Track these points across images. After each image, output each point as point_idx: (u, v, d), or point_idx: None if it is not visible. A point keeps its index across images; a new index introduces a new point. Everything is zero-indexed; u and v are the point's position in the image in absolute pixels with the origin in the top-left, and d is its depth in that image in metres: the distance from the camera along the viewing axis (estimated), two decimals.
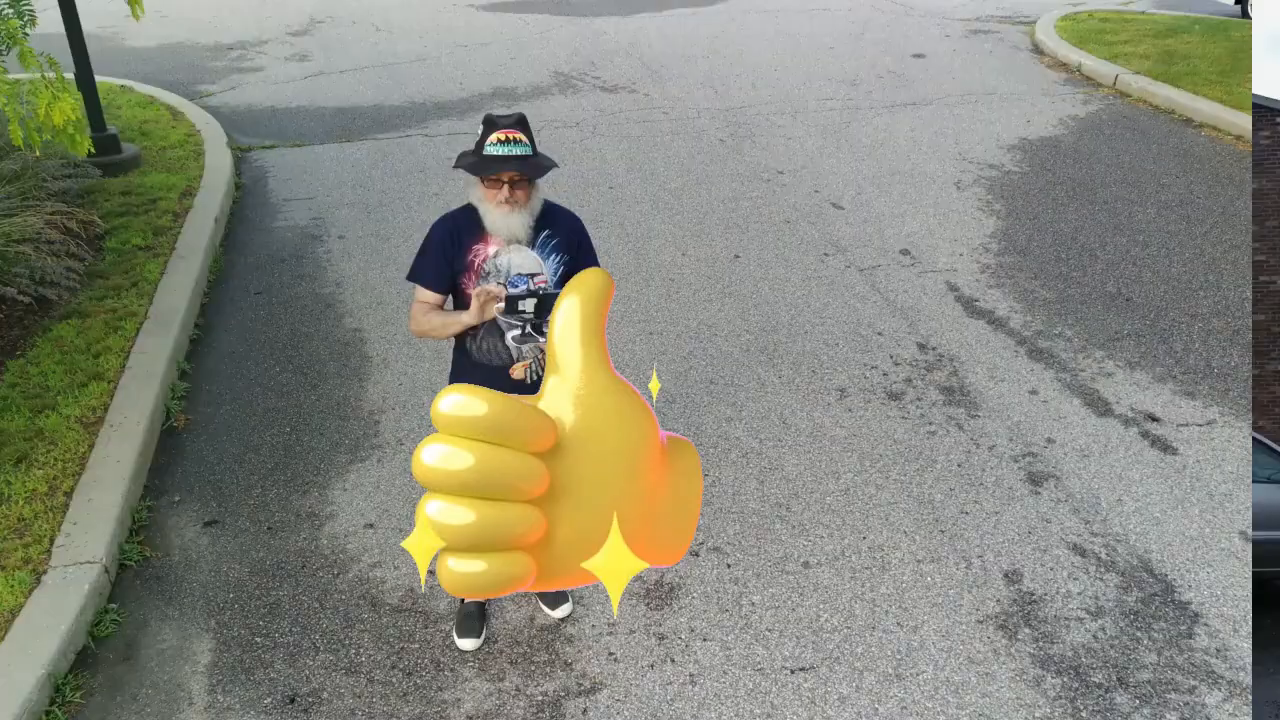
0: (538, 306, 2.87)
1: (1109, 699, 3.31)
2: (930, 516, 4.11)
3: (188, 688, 3.36)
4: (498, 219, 3.05)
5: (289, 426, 4.71)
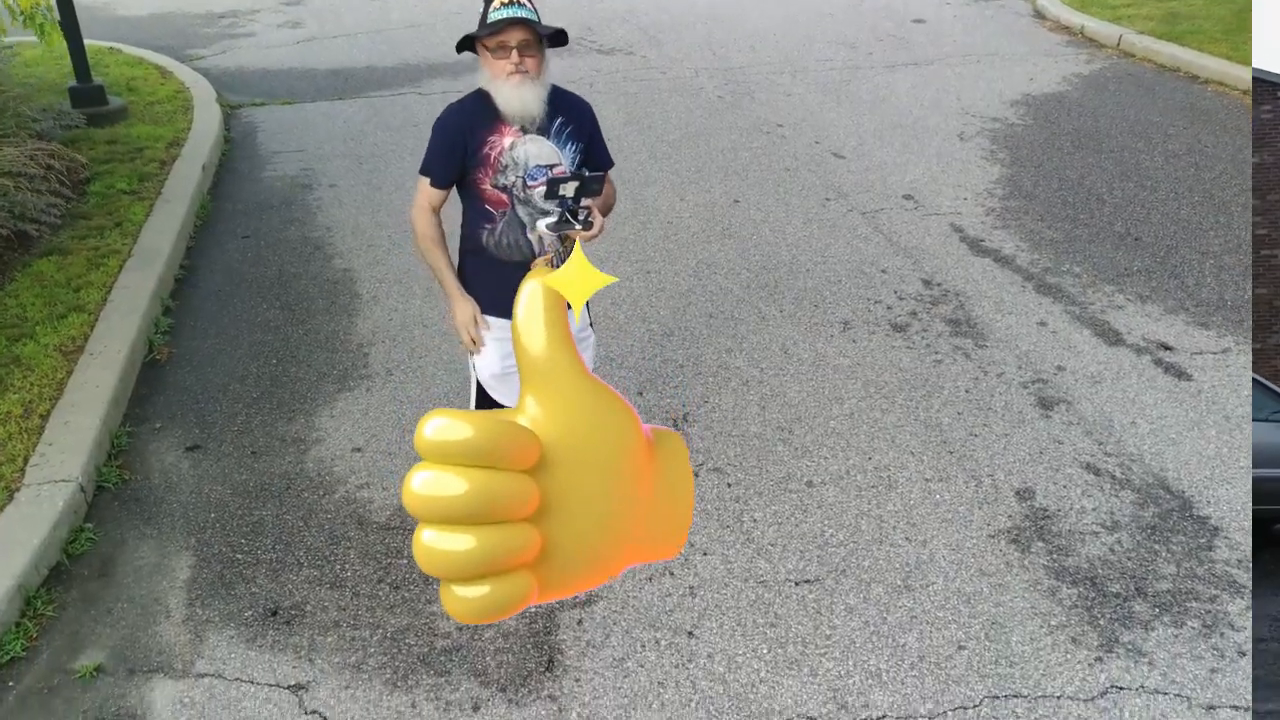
0: (578, 190, 2.68)
1: (1127, 607, 3.17)
2: (938, 439, 3.97)
3: (165, 602, 3.21)
4: (510, 94, 2.83)
5: (275, 358, 4.56)
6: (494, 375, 3.08)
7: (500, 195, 2.93)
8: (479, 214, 2.98)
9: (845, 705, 2.83)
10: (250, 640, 3.07)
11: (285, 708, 2.84)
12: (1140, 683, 2.90)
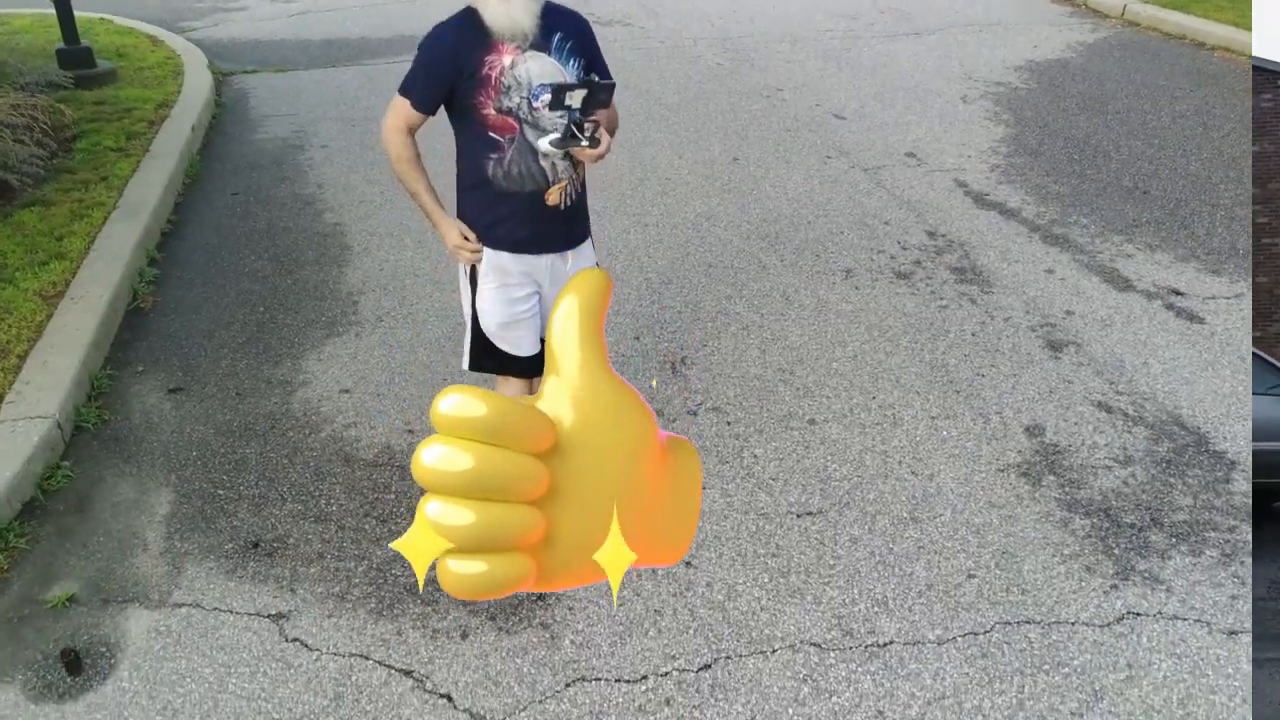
0: (586, 100, 2.53)
1: (1143, 537, 3.05)
2: (944, 379, 3.85)
3: (143, 536, 3.09)
4: (497, 8, 2.59)
5: (262, 306, 4.44)
6: (501, 324, 2.86)
7: (506, 120, 2.67)
8: (483, 143, 2.70)
9: (850, 632, 2.71)
10: (230, 572, 2.95)
11: (265, 636, 2.72)
12: (1158, 609, 2.78)
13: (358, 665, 2.62)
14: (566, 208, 2.77)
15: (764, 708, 2.48)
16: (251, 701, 2.52)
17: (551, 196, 2.74)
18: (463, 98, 2.66)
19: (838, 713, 2.47)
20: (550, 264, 2.83)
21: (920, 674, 2.58)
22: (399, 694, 2.54)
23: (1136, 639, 2.68)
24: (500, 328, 2.86)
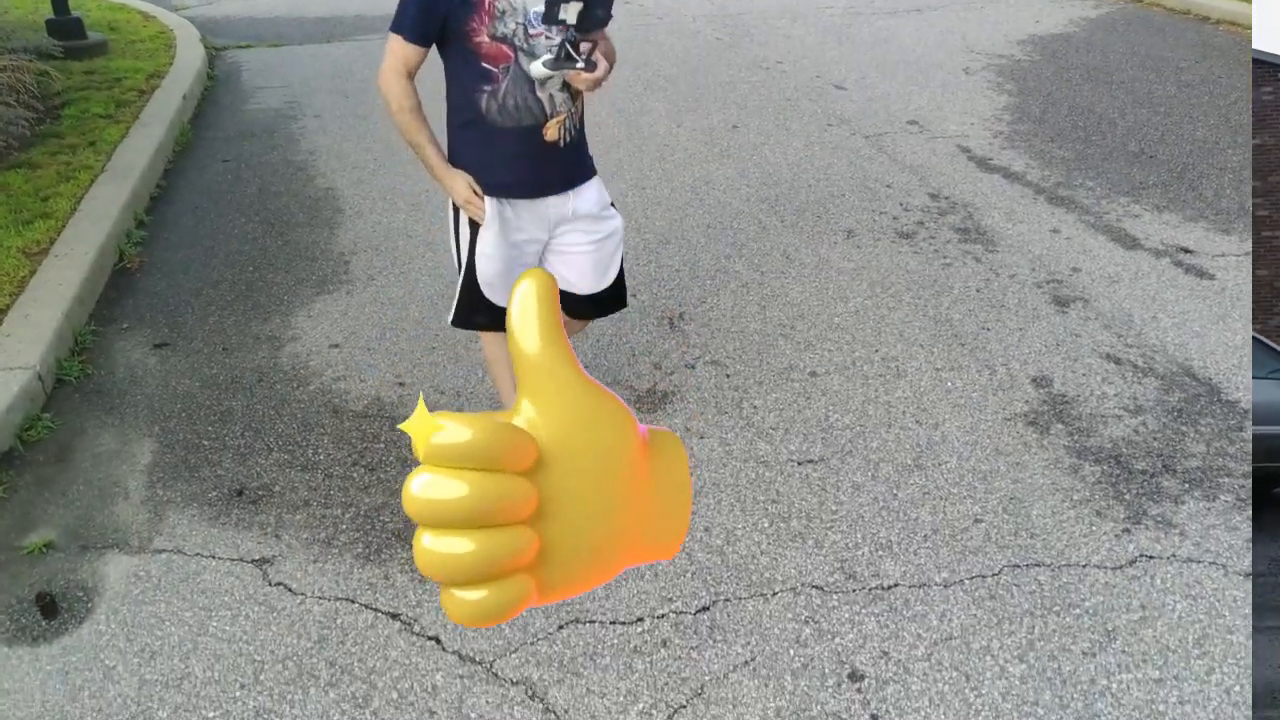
0: (582, 15, 2.41)
1: (1155, 483, 2.96)
2: (948, 332, 3.76)
3: (124, 484, 3.00)
4: None
5: (252, 266, 4.35)
6: (499, 274, 2.71)
7: (500, 48, 2.52)
8: (476, 75, 2.56)
9: (854, 575, 2.62)
10: (213, 519, 2.85)
11: (248, 580, 2.62)
12: (1172, 552, 2.69)
13: (343, 609, 2.53)
14: (566, 144, 2.64)
15: (764, 649, 2.39)
16: (232, 644, 2.42)
17: (550, 131, 2.59)
18: (454, 24, 2.50)
19: (840, 653, 2.37)
20: (551, 207, 2.70)
21: (926, 615, 2.49)
22: (385, 636, 2.44)
23: (1150, 581, 2.59)
24: (498, 278, 2.72)
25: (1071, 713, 2.22)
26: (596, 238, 2.78)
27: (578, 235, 2.77)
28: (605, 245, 2.82)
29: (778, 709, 2.23)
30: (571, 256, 2.79)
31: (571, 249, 2.79)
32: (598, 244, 2.79)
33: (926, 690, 2.27)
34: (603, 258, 2.82)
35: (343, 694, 2.28)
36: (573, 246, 2.78)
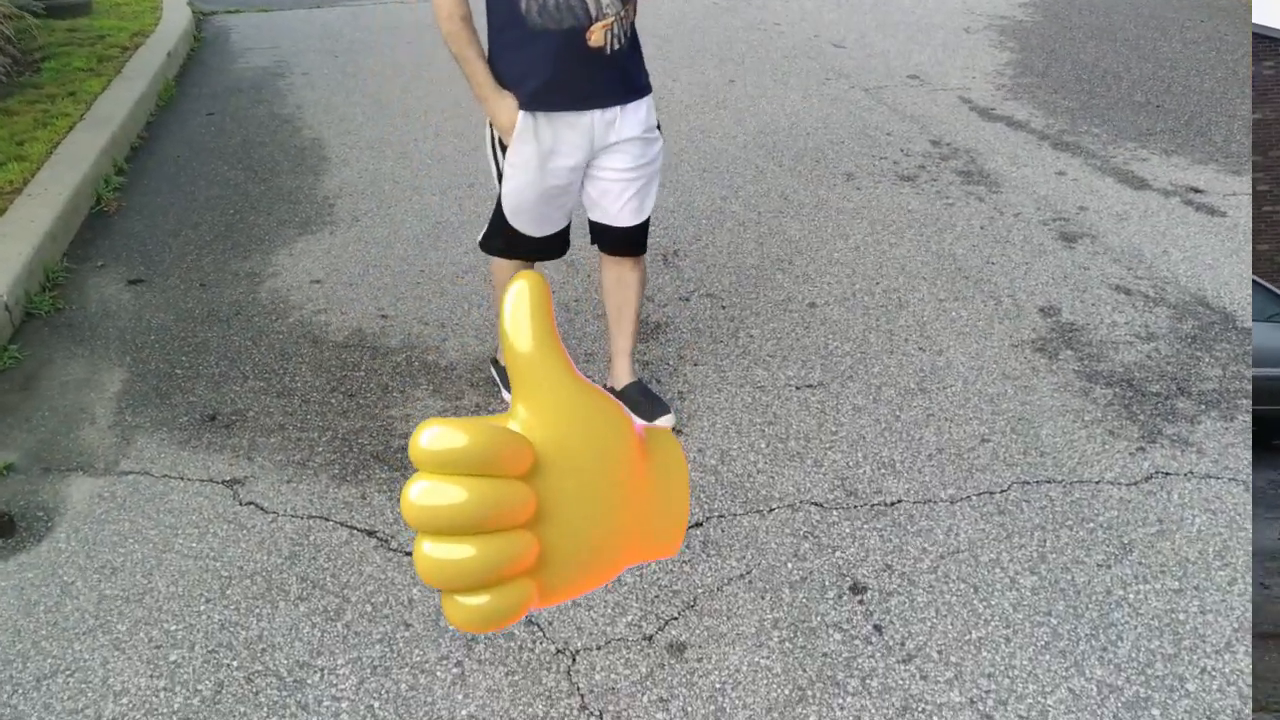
0: None
1: (1169, 404, 2.83)
2: (951, 267, 3.63)
3: (91, 411, 2.87)
4: None
5: (233, 209, 4.22)
6: (530, 203, 2.45)
7: None
8: None
9: (855, 492, 2.49)
10: (183, 442, 2.72)
11: (218, 500, 2.49)
12: (1189, 469, 2.56)
13: (317, 526, 2.40)
14: (614, 51, 2.35)
15: (760, 562, 2.26)
16: (199, 560, 2.29)
17: (594, 36, 2.32)
18: None
19: (841, 567, 2.24)
20: (594, 125, 2.38)
21: (932, 530, 2.36)
22: (360, 552, 2.31)
23: (1166, 496, 2.46)
24: (529, 206, 2.46)
25: (1086, 622, 2.09)
26: (642, 163, 2.48)
27: (622, 159, 2.45)
28: (648, 171, 2.52)
29: (775, 620, 2.10)
30: (614, 184, 2.48)
31: (615, 175, 2.47)
32: (642, 170, 2.49)
33: (933, 602, 2.14)
34: (647, 186, 2.53)
35: (313, 607, 2.15)
36: (616, 172, 2.47)
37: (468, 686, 1.95)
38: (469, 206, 4.18)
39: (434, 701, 1.92)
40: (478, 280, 3.57)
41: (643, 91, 2.45)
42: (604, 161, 2.46)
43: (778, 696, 1.92)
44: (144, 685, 1.96)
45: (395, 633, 2.08)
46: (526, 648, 2.04)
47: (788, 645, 2.04)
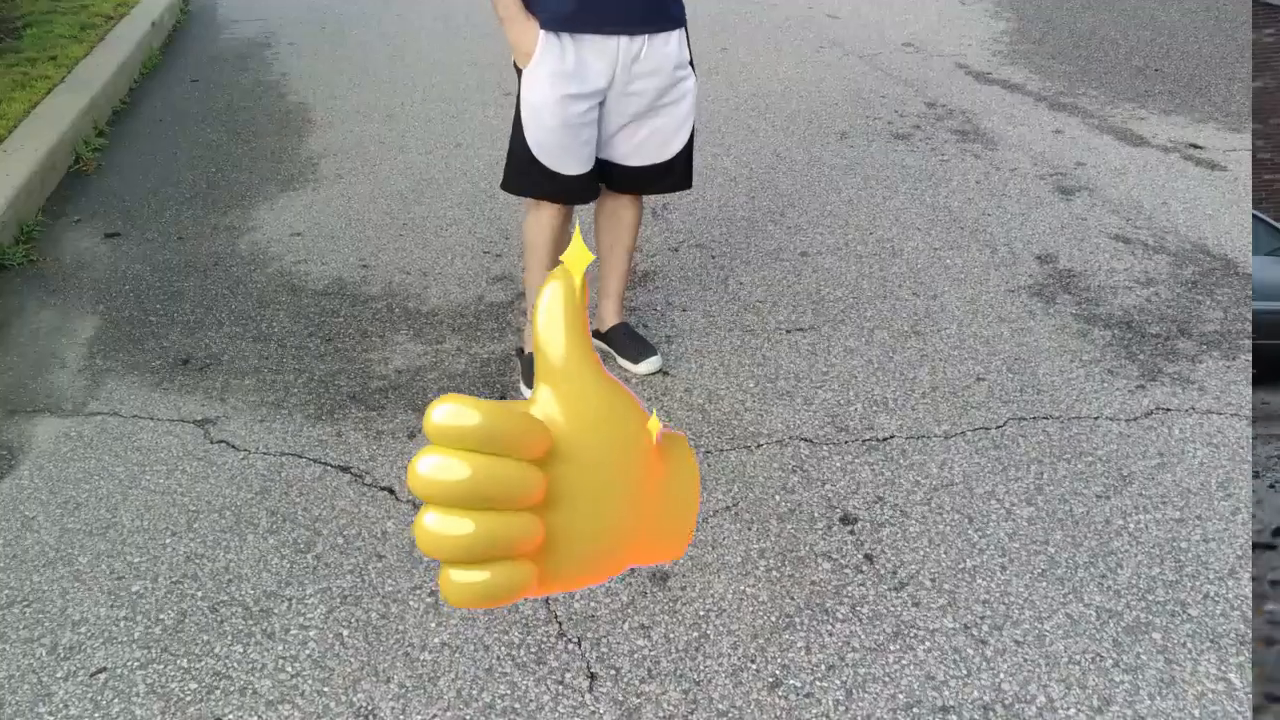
0: None
1: (1170, 345, 2.75)
2: (947, 218, 3.55)
3: (61, 356, 2.79)
4: None
5: (214, 168, 4.14)
6: (550, 133, 2.28)
7: None
8: None
9: (846, 428, 2.41)
10: (155, 385, 2.64)
11: (187, 439, 2.41)
12: (1191, 405, 2.48)
13: (289, 463, 2.32)
14: None
15: (747, 495, 2.18)
16: (165, 495, 2.21)
17: None
18: None
19: (831, 499, 2.17)
20: (620, 51, 2.23)
21: (925, 464, 2.28)
22: (334, 487, 2.23)
23: (1167, 431, 2.38)
24: (549, 136, 2.29)
25: (1085, 550, 2.01)
26: (665, 102, 2.34)
27: (643, 96, 2.30)
28: (674, 112, 2.37)
29: (761, 550, 2.02)
30: (630, 122, 2.34)
31: (632, 112, 2.32)
32: (665, 110, 2.35)
33: (926, 532, 2.07)
34: (667, 125, 2.38)
35: (283, 540, 2.07)
36: (634, 108, 2.32)
37: (441, 616, 1.87)
38: (455, 164, 4.10)
39: (405, 630, 1.84)
40: (462, 232, 3.50)
41: (676, 22, 2.32)
42: (624, 95, 2.30)
43: (764, 623, 1.84)
44: (104, 615, 1.89)
45: (367, 564, 2.00)
46: None
47: (775, 574, 1.96)
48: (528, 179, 2.39)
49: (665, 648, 1.79)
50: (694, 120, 2.48)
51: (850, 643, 1.80)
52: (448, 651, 1.79)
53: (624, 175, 2.48)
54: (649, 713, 1.66)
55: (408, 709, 1.68)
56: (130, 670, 1.76)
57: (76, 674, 1.76)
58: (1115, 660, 1.75)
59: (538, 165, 2.34)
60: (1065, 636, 1.80)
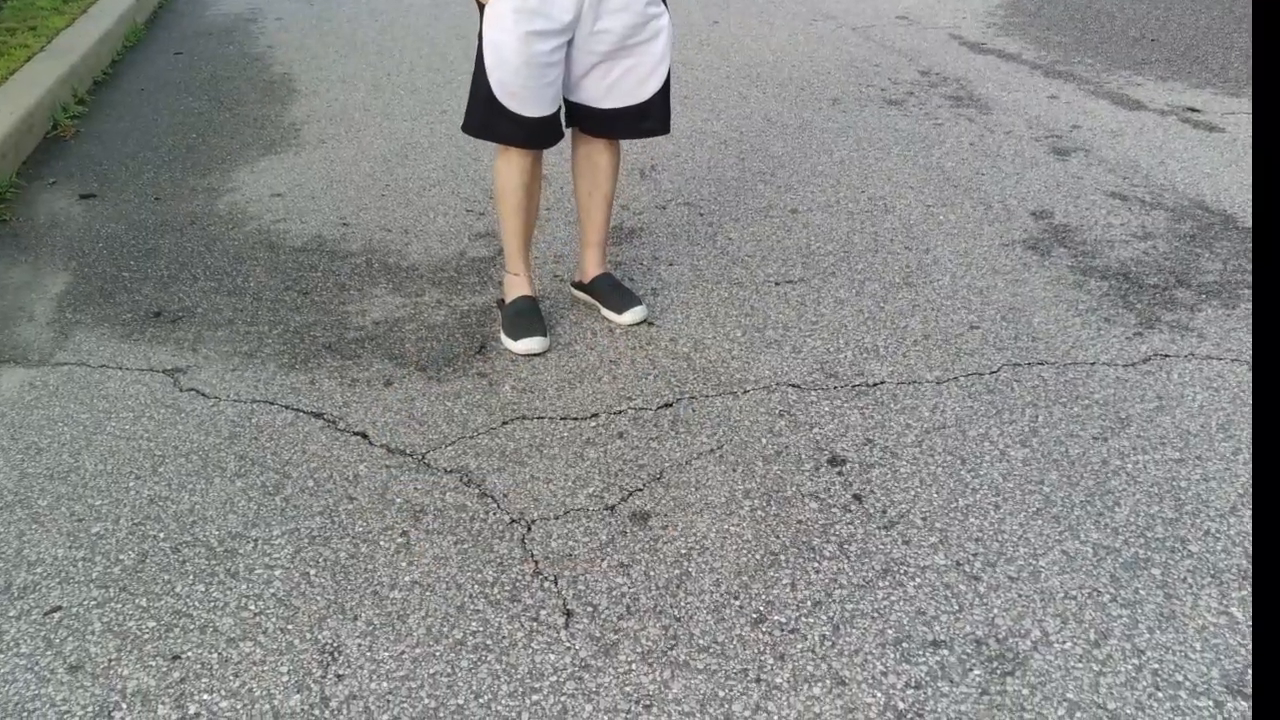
0: None
1: (1168, 294, 2.68)
2: (940, 177, 3.48)
3: (30, 309, 2.71)
4: None
5: (195, 133, 4.06)
6: (514, 72, 2.18)
7: None
8: None
9: (835, 374, 2.34)
10: (125, 336, 2.57)
11: (156, 387, 2.34)
12: (1190, 351, 2.41)
13: (260, 409, 2.25)
14: None
15: (733, 439, 2.11)
16: (131, 441, 2.14)
17: None
18: None
19: (819, 442, 2.09)
20: None
21: (917, 408, 2.21)
22: (305, 433, 2.16)
23: (1166, 376, 2.31)
24: (513, 76, 2.20)
25: (1082, 490, 1.94)
26: (637, 40, 2.27)
27: (612, 34, 2.23)
28: (648, 51, 2.31)
29: (746, 490, 1.95)
30: (601, 61, 2.27)
31: (603, 51, 2.25)
32: (638, 49, 2.28)
33: (917, 473, 2.00)
34: (641, 65, 2.31)
35: (251, 483, 2.00)
36: (604, 46, 2.24)
37: (413, 555, 1.80)
38: (440, 130, 4.03)
39: (375, 569, 1.77)
40: (445, 192, 3.42)
41: None
42: (592, 33, 2.23)
43: (748, 561, 1.77)
44: (61, 555, 1.81)
45: (338, 505, 1.93)
46: (478, 518, 1.89)
47: (760, 514, 1.89)
48: (490, 122, 2.30)
49: (645, 585, 1.72)
50: (670, 62, 2.41)
51: (838, 579, 1.73)
52: (418, 590, 1.72)
53: (597, 118, 2.41)
54: (627, 648, 1.59)
55: (375, 645, 1.60)
56: (86, 609, 1.69)
57: (30, 613, 1.68)
58: (1113, 595, 1.68)
59: (499, 107, 2.26)
60: (1061, 573, 1.73)
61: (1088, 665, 1.54)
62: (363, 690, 1.52)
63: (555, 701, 1.50)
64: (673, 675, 1.54)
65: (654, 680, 1.53)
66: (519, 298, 2.53)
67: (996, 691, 1.50)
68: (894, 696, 1.50)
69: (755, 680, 1.53)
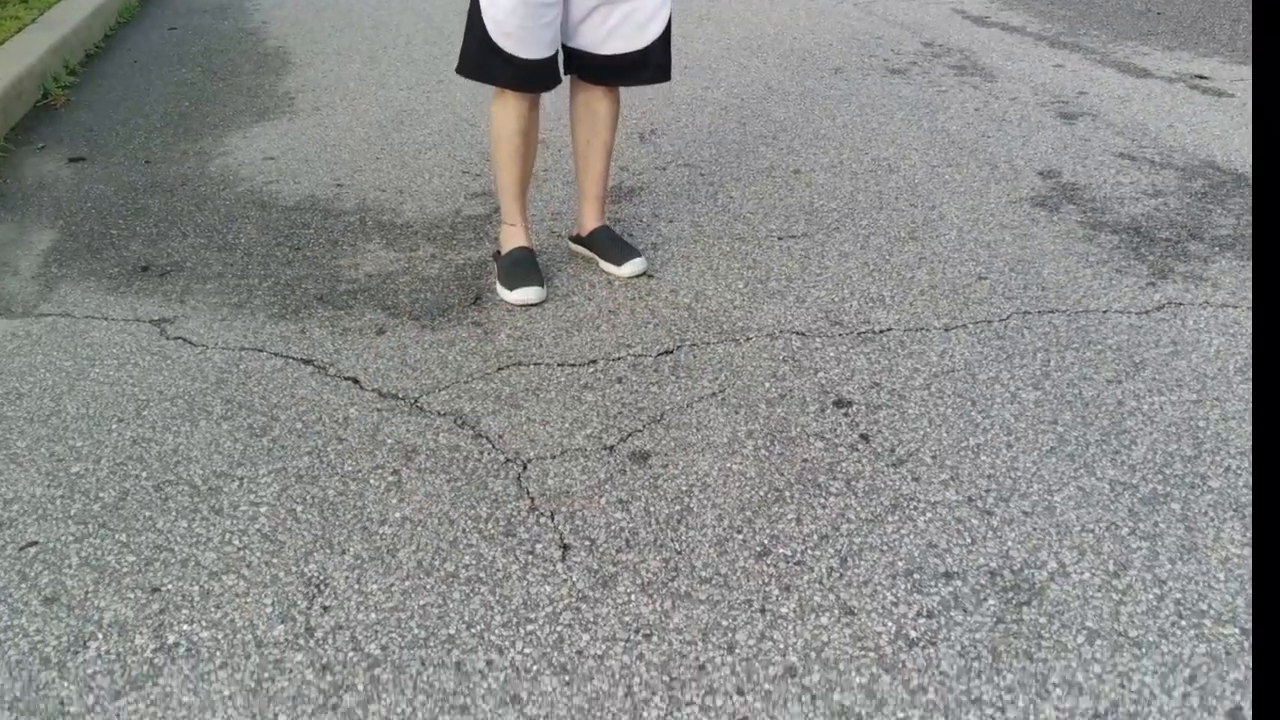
0: None
1: (1181, 247, 2.62)
2: (945, 140, 3.42)
3: (14, 265, 2.65)
4: None
5: (188, 101, 4.00)
6: (509, 12, 2.14)
7: None
8: None
9: (840, 323, 2.28)
10: (112, 289, 2.50)
11: (142, 336, 2.27)
12: (1205, 300, 2.35)
13: (249, 356, 2.18)
14: None
15: (735, 383, 2.05)
16: (114, 386, 2.07)
17: None
18: None
19: (824, 385, 2.03)
20: None
21: (925, 353, 2.14)
22: (295, 378, 2.10)
23: (1180, 323, 2.25)
24: (510, 18, 2.15)
25: (1096, 429, 1.87)
26: None
27: None
28: None
29: (749, 431, 1.89)
30: (600, 5, 2.23)
31: None
32: None
33: (926, 414, 1.93)
34: (641, 10, 2.27)
35: (237, 425, 1.93)
36: None
37: (404, 492, 1.73)
38: (437, 98, 3.97)
39: (364, 506, 1.70)
40: (441, 155, 3.36)
41: None
42: None
43: (751, 497, 1.70)
44: (39, 494, 1.75)
45: (327, 446, 1.86)
46: (472, 458, 1.83)
47: (763, 453, 1.82)
48: (484, 63, 2.25)
49: (645, 520, 1.65)
50: (671, 9, 2.35)
51: (845, 515, 1.66)
52: (409, 525, 1.65)
53: (596, 65, 2.35)
54: (626, 580, 1.52)
55: (363, 578, 1.54)
56: (64, 544, 1.62)
57: (4, 548, 1.62)
58: (1132, 528, 1.62)
59: (495, 49, 2.20)
60: (1077, 507, 1.67)
61: (1107, 595, 1.48)
62: (349, 621, 1.45)
63: (551, 631, 1.43)
64: (674, 605, 1.47)
65: (654, 610, 1.46)
66: (515, 248, 2.46)
67: (1013, 620, 1.43)
68: (905, 625, 1.43)
69: (760, 610, 1.46)
